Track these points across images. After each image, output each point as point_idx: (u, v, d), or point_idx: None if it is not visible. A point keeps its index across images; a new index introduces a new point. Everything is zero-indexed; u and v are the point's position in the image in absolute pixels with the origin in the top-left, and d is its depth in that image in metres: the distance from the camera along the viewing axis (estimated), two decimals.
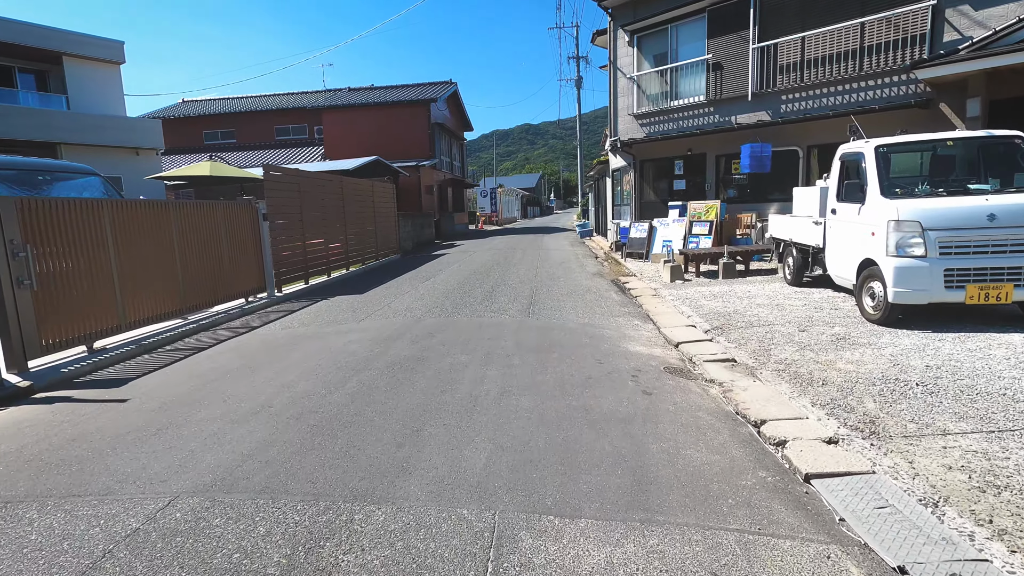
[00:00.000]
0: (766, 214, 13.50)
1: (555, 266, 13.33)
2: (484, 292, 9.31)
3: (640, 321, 7.09)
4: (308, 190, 12.15)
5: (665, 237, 13.08)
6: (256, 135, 32.97)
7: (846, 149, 6.88)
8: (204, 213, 8.70)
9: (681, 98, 14.73)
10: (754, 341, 5.76)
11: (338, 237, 13.81)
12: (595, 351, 5.49)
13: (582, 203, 43.45)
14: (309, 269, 11.96)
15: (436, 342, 5.79)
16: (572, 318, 7.12)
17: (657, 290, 9.24)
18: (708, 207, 12.67)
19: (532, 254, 16.65)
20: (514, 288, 9.71)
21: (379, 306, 8.40)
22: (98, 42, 20.22)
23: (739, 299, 7.96)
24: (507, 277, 11.33)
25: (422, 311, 7.65)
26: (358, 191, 15.34)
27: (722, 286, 9.15)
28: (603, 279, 11.02)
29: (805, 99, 12.53)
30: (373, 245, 16.28)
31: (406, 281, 11.40)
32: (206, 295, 8.68)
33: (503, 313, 7.35)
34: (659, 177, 15.89)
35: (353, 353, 5.48)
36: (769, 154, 12.53)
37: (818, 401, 4.03)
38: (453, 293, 9.32)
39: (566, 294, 9.03)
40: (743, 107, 13.53)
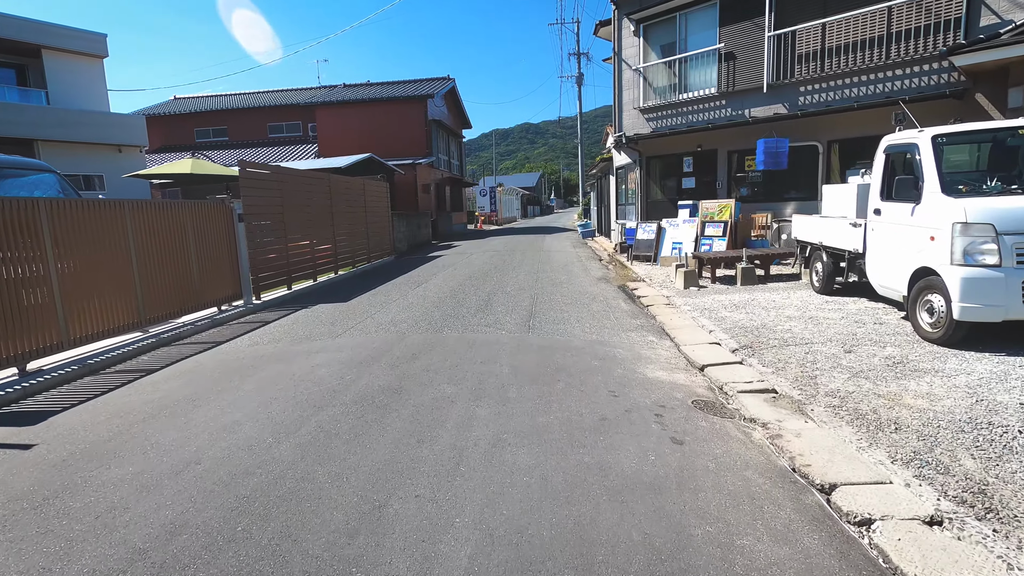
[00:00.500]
0: (782, 214, 12.64)
1: (557, 269, 12.45)
2: (479, 301, 8.44)
3: (655, 337, 6.21)
4: (291, 189, 11.28)
5: (675, 239, 12.20)
6: (249, 133, 32.08)
7: (893, 140, 6.00)
8: (167, 214, 7.82)
9: (690, 91, 13.85)
10: (794, 365, 4.89)
11: (326, 239, 12.93)
12: (607, 378, 4.62)
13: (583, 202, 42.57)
14: (292, 274, 11.09)
15: (419, 367, 4.91)
16: (578, 333, 6.25)
17: (670, 298, 8.36)
18: (722, 207, 11.79)
19: (532, 256, 15.77)
20: (512, 296, 8.83)
21: (361, 317, 7.52)
22: (79, 35, 19.36)
23: (764, 310, 7.09)
24: (505, 283, 10.46)
25: (408, 325, 6.78)
26: (348, 190, 14.46)
27: (742, 294, 8.28)
28: (609, 285, 10.14)
29: (826, 90, 11.65)
30: (364, 247, 15.41)
31: (396, 287, 10.52)
32: (171, 305, 7.81)
33: (499, 327, 6.48)
34: (667, 175, 15.01)
35: (319, 381, 4.61)
36: (786, 150, 11.66)
37: (898, 455, 3.16)
38: (445, 302, 8.45)
39: (570, 303, 8.16)
40: (758, 100, 12.65)
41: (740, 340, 5.78)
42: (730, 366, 5.05)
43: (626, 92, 15.33)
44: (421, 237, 22.77)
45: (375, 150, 25.80)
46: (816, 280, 7.99)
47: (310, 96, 31.45)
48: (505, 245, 20.35)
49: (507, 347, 5.55)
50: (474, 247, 20.18)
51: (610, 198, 19.49)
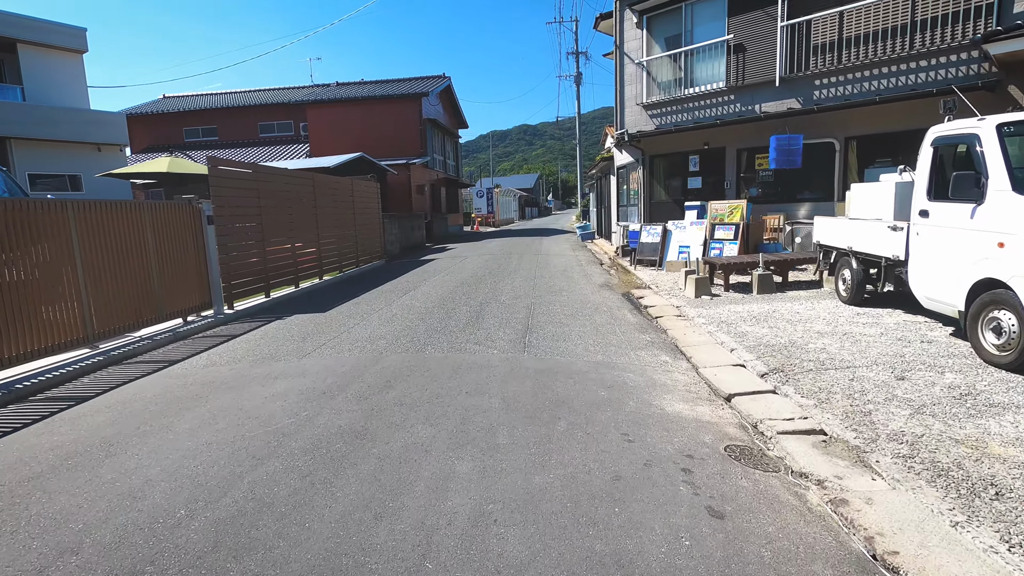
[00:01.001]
0: (795, 216, 11.88)
1: (556, 275, 11.66)
2: (470, 312, 7.64)
3: (669, 357, 5.42)
4: (270, 189, 10.47)
5: (681, 242, 11.43)
6: (239, 132, 31.29)
7: (943, 132, 5.22)
8: (122, 216, 7.01)
9: (697, 85, 13.08)
10: (839, 395, 4.10)
11: (310, 242, 12.13)
12: (618, 414, 3.82)
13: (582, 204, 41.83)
14: (271, 280, 10.28)
15: (392, 399, 4.11)
16: (580, 352, 5.45)
17: (681, 308, 7.57)
18: (732, 208, 11.02)
19: (530, 260, 14.98)
20: (507, 306, 8.03)
21: (337, 332, 6.72)
22: (57, 28, 18.52)
23: (789, 324, 6.30)
24: (500, 290, 9.66)
25: (387, 342, 5.97)
26: (335, 190, 13.66)
27: (761, 304, 7.49)
28: (612, 292, 9.35)
29: (843, 84, 10.89)
30: (352, 250, 14.60)
31: (381, 295, 9.71)
32: (126, 317, 6.99)
33: (491, 345, 5.68)
34: (671, 174, 14.24)
35: (269, 419, 3.80)
36: (800, 147, 10.90)
37: (1012, 537, 2.37)
38: (432, 313, 7.65)
39: (570, 314, 7.36)
40: (769, 94, 11.88)
41: (768, 361, 4.99)
42: (762, 396, 4.26)
43: (628, 87, 14.55)
44: (414, 239, 21.97)
45: (368, 150, 25.00)
46: (843, 289, 7.21)
47: (302, 95, 30.67)
48: (501, 248, 19.56)
49: (499, 371, 4.75)
50: (469, 250, 19.39)
51: (611, 199, 18.72)
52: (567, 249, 18.47)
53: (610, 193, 18.98)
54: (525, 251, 17.85)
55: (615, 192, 17.75)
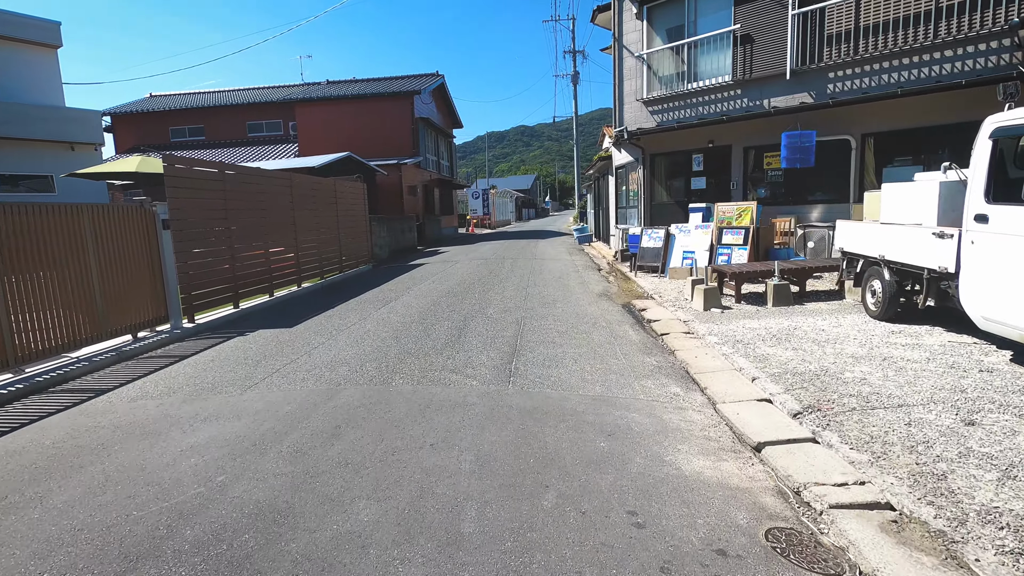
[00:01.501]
0: (807, 218, 11.07)
1: (551, 282, 10.82)
2: (452, 328, 6.79)
3: (680, 387, 4.59)
4: (240, 190, 9.62)
5: (686, 247, 10.61)
6: (227, 132, 30.42)
7: (1006, 121, 4.40)
8: (52, 221, 6.15)
9: (700, 79, 12.28)
10: (897, 446, 3.28)
11: (287, 248, 11.28)
12: (622, 478, 2.99)
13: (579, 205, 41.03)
14: (240, 289, 9.42)
15: (335, 456, 3.22)
16: (575, 383, 4.61)
17: (689, 324, 6.75)
18: (741, 210, 10.20)
19: (524, 265, 14.14)
20: (494, 321, 7.19)
21: (297, 354, 5.86)
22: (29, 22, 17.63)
23: (815, 344, 5.48)
24: (488, 301, 8.82)
25: (350, 368, 5.10)
26: (316, 191, 12.81)
27: (779, 319, 6.67)
28: (612, 303, 8.52)
29: (860, 76, 10.09)
30: (336, 255, 13.74)
31: (358, 306, 8.86)
32: (58, 335, 6.14)
33: (470, 373, 4.83)
34: (673, 174, 13.43)
35: (173, 487, 2.91)
36: (813, 144, 10.10)
37: None
38: (409, 329, 6.79)
39: (564, 331, 6.52)
40: (779, 88, 11.08)
41: (799, 396, 4.17)
42: (799, 446, 3.43)
43: (627, 82, 13.74)
44: (405, 242, 21.12)
45: (359, 149, 24.15)
46: (872, 303, 6.39)
47: (291, 93, 29.83)
48: (495, 252, 18.72)
49: (476, 412, 3.90)
50: (461, 254, 18.55)
51: (609, 201, 17.91)
52: (563, 253, 17.64)
53: (608, 194, 18.17)
54: (519, 255, 17.02)
55: (613, 193, 16.95)
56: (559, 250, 18.65)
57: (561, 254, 17.16)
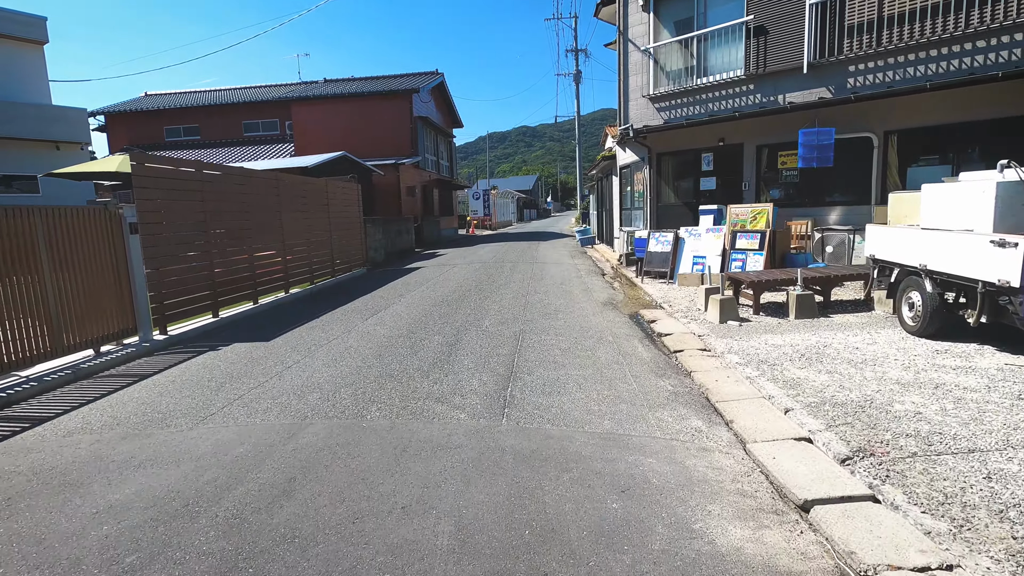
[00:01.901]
0: (825, 221, 10.41)
1: (552, 289, 10.18)
2: (443, 344, 6.15)
3: (702, 420, 3.95)
4: (220, 191, 9.01)
5: (696, 252, 9.96)
6: (222, 131, 29.85)
7: None
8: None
9: (711, 74, 11.63)
10: (982, 511, 2.64)
11: (273, 251, 10.66)
12: (642, 560, 2.34)
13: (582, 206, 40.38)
14: (220, 297, 8.80)
15: (280, 527, 2.49)
16: (580, 416, 3.97)
17: (705, 339, 6.10)
18: (756, 212, 9.54)
19: (524, 269, 13.51)
20: (490, 335, 6.55)
21: (266, 374, 5.23)
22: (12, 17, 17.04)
23: (852, 366, 4.83)
24: (484, 311, 8.19)
25: (322, 395, 4.45)
26: (306, 192, 12.19)
27: (804, 334, 6.02)
28: (618, 313, 7.88)
29: (884, 69, 9.44)
30: (328, 258, 13.12)
31: (344, 317, 8.23)
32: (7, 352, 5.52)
33: (458, 404, 4.18)
34: (681, 174, 12.78)
35: (65, 574, 2.29)
36: (832, 142, 9.45)
37: None
38: (395, 345, 6.15)
39: (567, 348, 5.88)
40: (795, 82, 10.43)
41: (845, 434, 3.52)
42: (858, 506, 2.78)
43: (633, 78, 13.10)
44: (402, 244, 20.50)
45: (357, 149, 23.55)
46: (910, 317, 5.73)
47: (287, 92, 29.25)
48: (494, 254, 18.09)
49: (461, 458, 3.24)
50: (460, 256, 17.92)
51: (612, 202, 17.26)
52: (565, 256, 17.00)
53: (612, 195, 17.53)
54: (520, 258, 16.38)
55: (617, 194, 16.30)
56: (561, 253, 18.01)
57: (563, 257, 16.52)
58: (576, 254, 17.65)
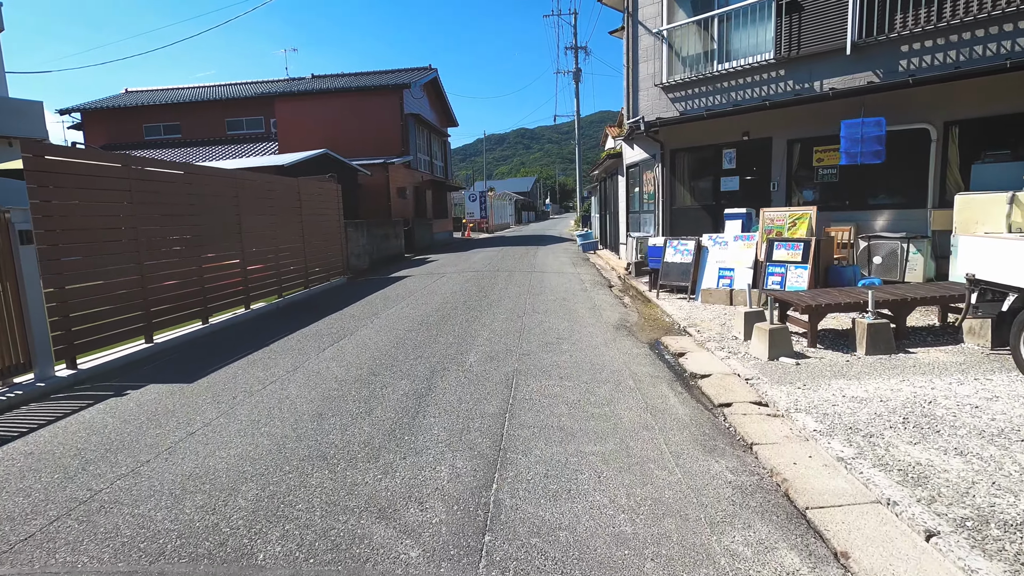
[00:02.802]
0: (870, 228, 8.96)
1: (553, 308, 8.71)
2: (408, 396, 4.64)
3: (799, 556, 2.47)
4: (155, 190, 7.53)
5: (722, 263, 8.49)
6: (204, 129, 28.38)
7: None
8: None
9: (734, 59, 10.20)
10: None
11: (230, 260, 9.18)
12: None
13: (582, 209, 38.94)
14: (156, 318, 7.30)
15: None
16: (607, 551, 2.49)
17: (757, 384, 4.63)
18: (795, 217, 8.07)
19: (521, 281, 12.03)
20: (475, 379, 5.05)
21: (152, 451, 3.71)
22: None
23: (986, 439, 3.36)
24: (470, 339, 6.71)
25: (207, 502, 2.76)
26: (272, 193, 10.70)
27: (890, 380, 4.55)
28: (635, 341, 6.41)
29: (946, 48, 8.00)
30: (300, 267, 11.63)
31: (298, 346, 6.73)
32: None
33: (409, 524, 2.57)
34: (699, 173, 11.32)
35: None
36: (883, 134, 8.00)
37: None
38: (346, 396, 4.64)
39: (577, 401, 4.40)
40: (835, 66, 8.99)
41: None
42: None
43: (643, 65, 11.65)
44: (390, 250, 19.01)
45: (344, 147, 22.10)
46: None
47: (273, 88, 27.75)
48: (489, 261, 16.61)
49: None
50: (451, 264, 16.43)
51: (618, 204, 15.80)
52: (566, 263, 15.52)
53: (617, 197, 16.06)
54: (516, 266, 14.90)
55: (624, 196, 14.85)
56: (561, 260, 16.53)
57: (564, 265, 15.04)
58: (578, 261, 16.18)
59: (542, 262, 15.90)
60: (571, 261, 16.17)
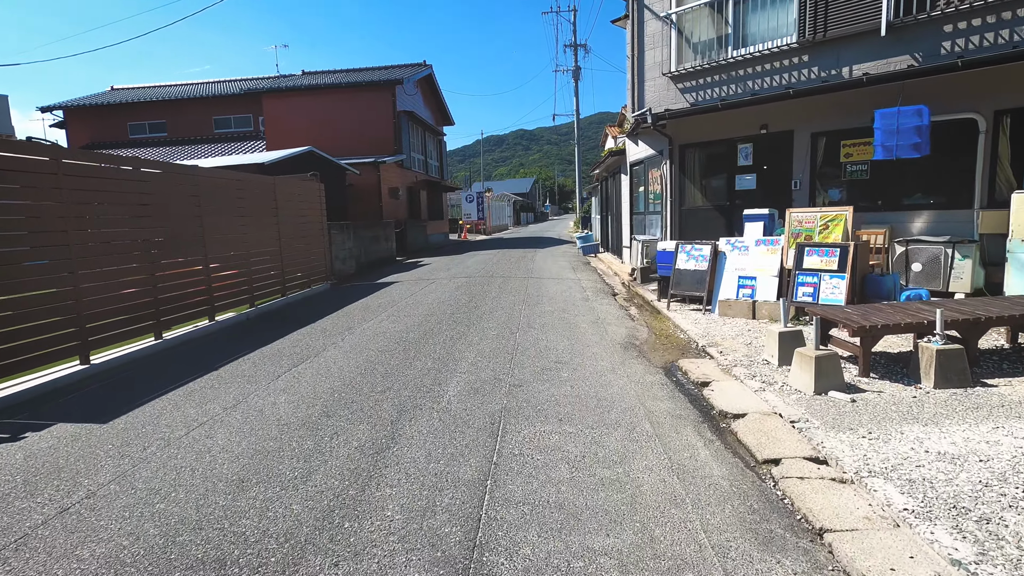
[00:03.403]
0: (906, 231, 7.99)
1: (551, 321, 7.74)
2: (362, 453, 3.64)
3: None
4: (92, 188, 6.54)
5: (742, 271, 7.51)
6: (191, 128, 27.40)
7: None
8: None
9: (751, 44, 9.24)
10: None
11: (192, 267, 8.20)
12: None
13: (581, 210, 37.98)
14: (92, 335, 6.31)
15: None
16: None
17: (808, 431, 3.64)
18: (828, 219, 7.09)
19: (516, 288, 11.05)
20: (451, 424, 4.07)
21: (9, 535, 2.77)
22: None
23: None
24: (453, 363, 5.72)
25: None
26: (242, 193, 9.72)
27: (980, 426, 3.57)
28: (648, 365, 5.43)
29: (998, 26, 7.04)
30: (277, 273, 10.64)
31: (250, 370, 5.74)
32: None
33: None
34: (711, 171, 10.35)
35: None
36: (927, 124, 7.02)
37: None
38: (283, 452, 3.62)
39: (580, 458, 3.42)
40: (867, 49, 8.04)
41: None
42: None
43: (649, 53, 10.68)
44: (380, 253, 18.01)
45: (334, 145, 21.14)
46: None
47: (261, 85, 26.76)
48: (484, 265, 15.63)
49: None
50: (444, 268, 15.45)
51: (621, 205, 14.83)
52: (566, 268, 14.54)
53: (620, 197, 15.09)
54: (512, 271, 13.91)
55: (627, 196, 13.88)
56: (560, 264, 15.55)
57: (563, 270, 14.05)
58: (578, 265, 15.20)
59: (540, 266, 14.92)
60: (571, 265, 15.19)
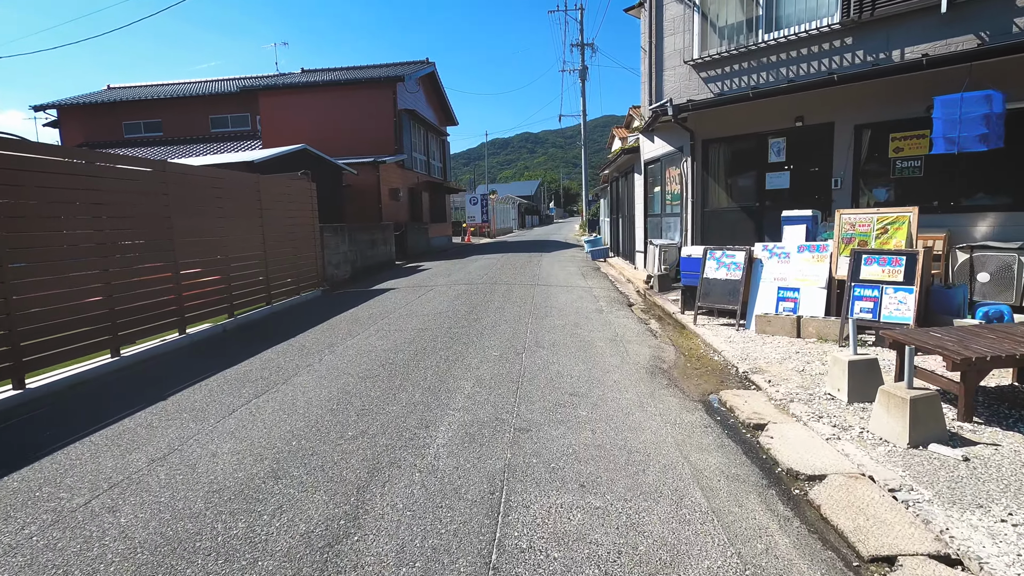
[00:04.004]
0: (968, 235, 6.98)
1: (562, 339, 6.77)
2: (312, 536, 2.70)
3: None
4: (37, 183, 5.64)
5: (782, 281, 6.52)
6: (187, 127, 26.65)
7: None
8: None
9: (785, 27, 8.28)
10: None
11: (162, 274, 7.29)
12: None
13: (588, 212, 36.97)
14: (28, 355, 5.39)
15: None
16: None
17: (917, 503, 2.66)
18: (887, 221, 6.08)
19: (522, 297, 10.09)
20: (439, 492, 3.10)
21: None
22: None
23: None
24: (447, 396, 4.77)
25: None
26: (221, 192, 8.80)
27: None
28: (683, 400, 4.46)
29: None
30: (261, 279, 9.71)
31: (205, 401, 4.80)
32: None
33: None
34: (737, 168, 9.38)
35: None
36: (1001, 112, 6.03)
37: None
38: (212, 529, 2.69)
39: (615, 556, 2.46)
40: (922, 30, 7.06)
41: None
42: None
43: (668, 40, 9.73)
44: (377, 257, 17.09)
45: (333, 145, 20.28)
46: None
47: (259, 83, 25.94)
48: (487, 271, 14.68)
49: None
50: (444, 273, 14.51)
51: (635, 206, 13.85)
52: (575, 274, 13.56)
53: (633, 198, 14.12)
54: (517, 278, 12.95)
55: (641, 197, 12.90)
56: (569, 270, 14.57)
57: (572, 277, 13.08)
58: (588, 271, 14.22)
59: (547, 272, 13.95)
60: (580, 271, 14.22)
